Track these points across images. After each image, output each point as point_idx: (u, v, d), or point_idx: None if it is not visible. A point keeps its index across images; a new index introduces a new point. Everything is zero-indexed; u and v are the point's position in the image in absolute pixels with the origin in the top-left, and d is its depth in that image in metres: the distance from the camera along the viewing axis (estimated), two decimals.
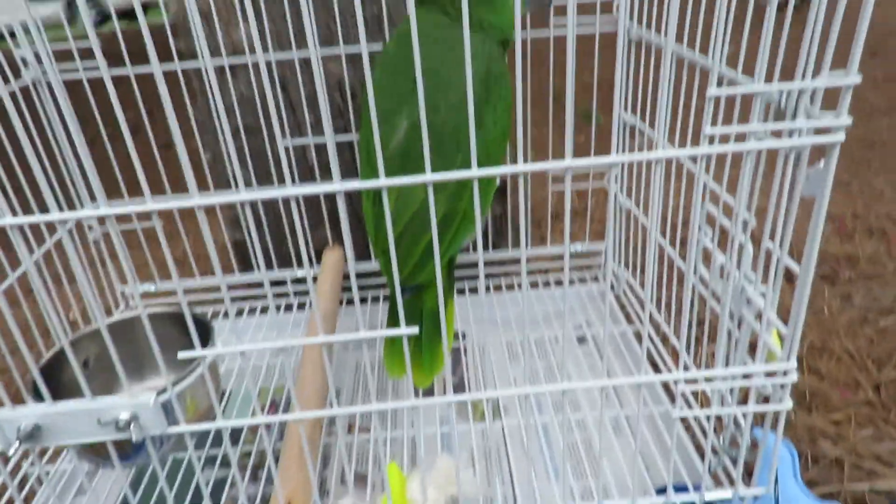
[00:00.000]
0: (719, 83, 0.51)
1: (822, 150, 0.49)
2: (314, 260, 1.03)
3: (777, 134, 0.52)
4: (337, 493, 0.78)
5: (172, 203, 0.45)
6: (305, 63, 1.01)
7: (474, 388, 0.91)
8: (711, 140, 0.48)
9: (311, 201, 1.10)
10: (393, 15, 1.00)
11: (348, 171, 1.08)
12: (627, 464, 0.77)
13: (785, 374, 0.55)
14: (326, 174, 1.06)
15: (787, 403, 0.56)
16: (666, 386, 0.88)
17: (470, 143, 0.43)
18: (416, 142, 0.71)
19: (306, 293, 1.13)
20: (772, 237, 0.55)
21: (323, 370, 0.75)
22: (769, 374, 0.57)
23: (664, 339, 0.89)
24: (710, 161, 0.54)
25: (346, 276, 1.02)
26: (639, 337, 0.95)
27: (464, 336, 1.02)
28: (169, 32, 0.96)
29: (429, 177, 0.45)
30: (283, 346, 0.51)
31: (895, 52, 4.21)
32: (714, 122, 0.52)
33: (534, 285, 1.13)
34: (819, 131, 0.49)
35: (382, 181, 0.45)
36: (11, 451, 0.51)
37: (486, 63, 0.72)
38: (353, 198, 1.11)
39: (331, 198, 1.09)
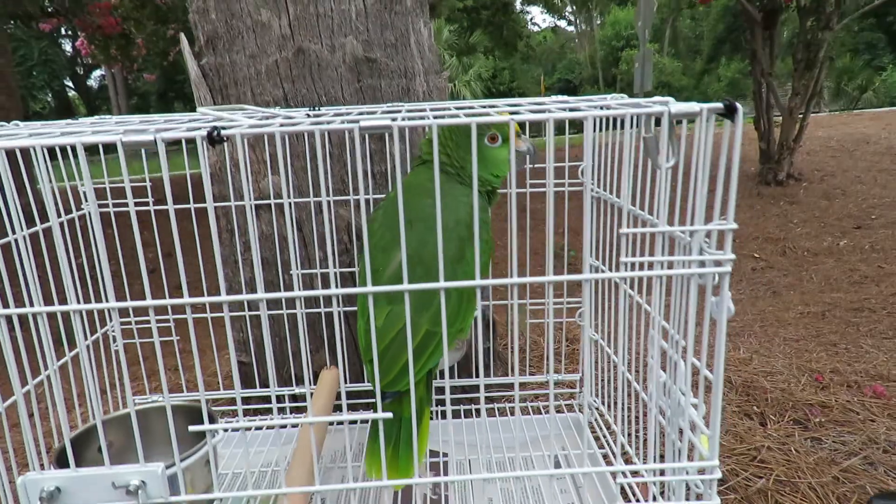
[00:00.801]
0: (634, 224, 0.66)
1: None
2: (312, 380, 1.13)
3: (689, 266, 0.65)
4: None
5: (205, 298, 0.58)
6: (319, 207, 1.18)
7: (453, 500, 0.96)
8: (630, 266, 0.62)
9: (313, 327, 1.22)
10: (399, 171, 1.20)
11: (349, 299, 1.22)
12: None
13: (712, 471, 0.64)
14: (328, 303, 1.20)
15: (716, 501, 0.64)
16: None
17: (456, 274, 0.56)
18: (409, 270, 0.85)
19: (302, 410, 1.21)
20: (696, 355, 0.66)
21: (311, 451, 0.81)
22: (700, 471, 0.65)
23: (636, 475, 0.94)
24: (643, 285, 0.67)
25: (339, 396, 1.11)
26: (608, 461, 1.01)
27: (444, 455, 1.08)
28: (208, 179, 1.15)
29: (406, 286, 0.58)
30: (280, 423, 0.60)
31: (879, 225, 4.51)
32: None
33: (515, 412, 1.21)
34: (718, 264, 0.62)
35: (369, 287, 0.58)
36: None
37: (471, 211, 0.88)
38: (350, 325, 1.23)
39: (329, 324, 1.21)
